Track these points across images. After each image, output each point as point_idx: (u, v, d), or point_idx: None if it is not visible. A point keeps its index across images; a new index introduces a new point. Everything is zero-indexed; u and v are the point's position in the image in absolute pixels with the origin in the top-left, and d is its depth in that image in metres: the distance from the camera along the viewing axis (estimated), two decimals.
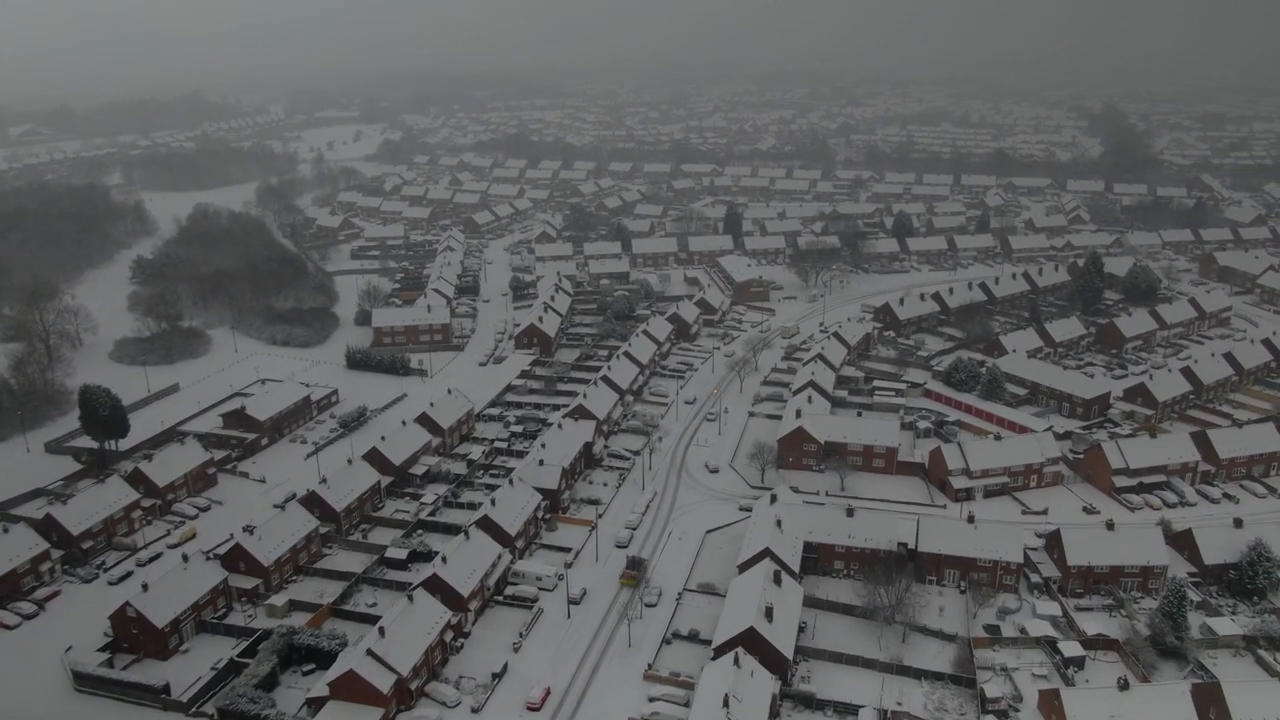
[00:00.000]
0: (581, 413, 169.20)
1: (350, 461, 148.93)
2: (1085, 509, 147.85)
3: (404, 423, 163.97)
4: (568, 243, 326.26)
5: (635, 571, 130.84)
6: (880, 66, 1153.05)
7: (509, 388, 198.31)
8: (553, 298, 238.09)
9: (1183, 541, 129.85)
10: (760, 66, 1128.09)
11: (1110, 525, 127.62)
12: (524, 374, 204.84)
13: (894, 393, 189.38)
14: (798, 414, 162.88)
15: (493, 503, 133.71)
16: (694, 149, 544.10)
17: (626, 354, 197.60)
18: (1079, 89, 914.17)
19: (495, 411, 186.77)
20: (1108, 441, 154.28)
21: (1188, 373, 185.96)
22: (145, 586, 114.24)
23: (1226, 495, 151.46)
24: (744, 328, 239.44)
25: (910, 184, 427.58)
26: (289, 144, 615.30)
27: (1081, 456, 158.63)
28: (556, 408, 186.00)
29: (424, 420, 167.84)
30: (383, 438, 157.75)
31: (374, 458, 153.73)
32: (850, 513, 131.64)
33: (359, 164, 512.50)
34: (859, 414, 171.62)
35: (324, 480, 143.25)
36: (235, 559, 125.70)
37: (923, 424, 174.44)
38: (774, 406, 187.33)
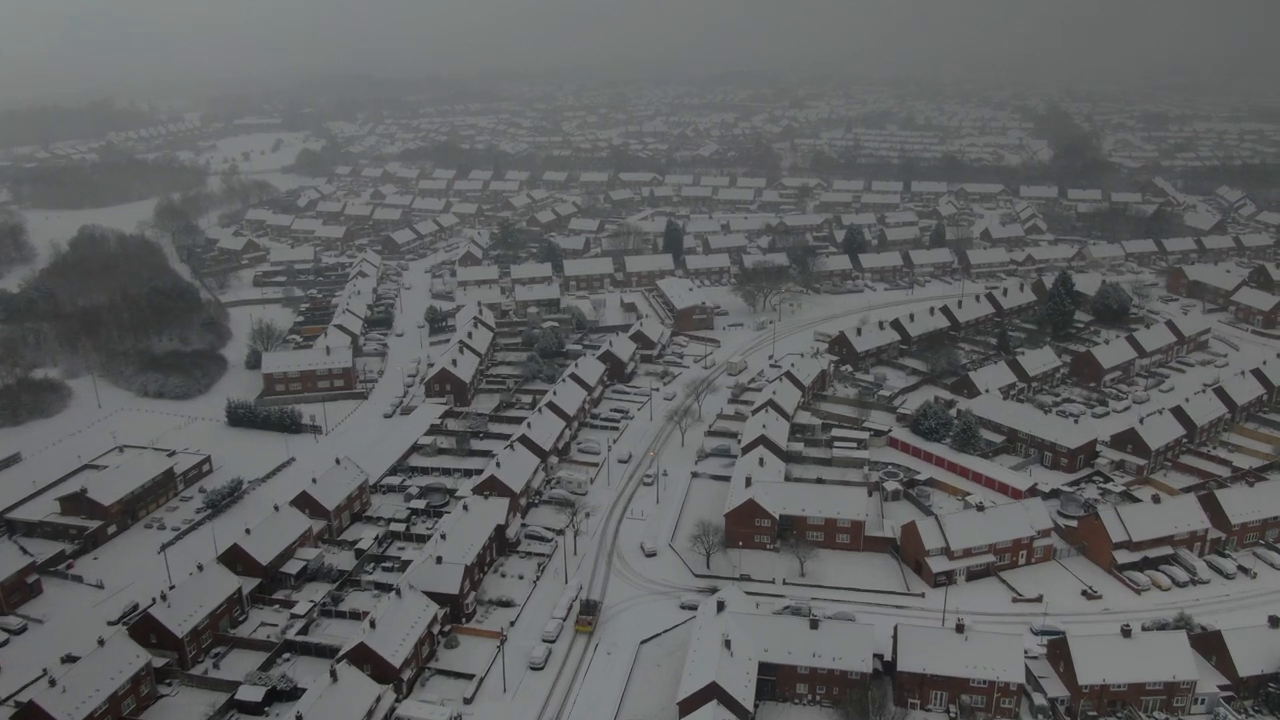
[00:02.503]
0: (493, 486, 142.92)
1: (201, 567, 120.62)
2: (1085, 593, 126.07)
3: (276, 507, 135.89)
4: (494, 264, 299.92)
5: (590, 617, 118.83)
6: (823, 66, 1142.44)
7: (415, 447, 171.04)
8: (470, 334, 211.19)
9: (1210, 645, 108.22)
10: (700, 69, 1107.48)
11: (1126, 631, 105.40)
12: (433, 429, 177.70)
13: (856, 444, 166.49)
14: (747, 482, 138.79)
15: (372, 625, 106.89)
16: (633, 156, 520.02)
17: (551, 405, 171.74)
18: (1020, 89, 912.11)
19: (397, 480, 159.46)
20: (1106, 510, 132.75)
21: (1179, 413, 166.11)
22: None
23: (1241, 568, 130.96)
24: (686, 363, 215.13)
25: (859, 191, 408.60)
26: (202, 154, 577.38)
27: (1074, 525, 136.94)
28: (469, 473, 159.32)
29: (304, 501, 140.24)
30: (247, 530, 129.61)
31: (235, 557, 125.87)
32: (814, 624, 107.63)
33: (275, 176, 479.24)
34: (819, 480, 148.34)
35: (165, 595, 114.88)
36: None
37: (890, 484, 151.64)
38: (720, 464, 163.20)
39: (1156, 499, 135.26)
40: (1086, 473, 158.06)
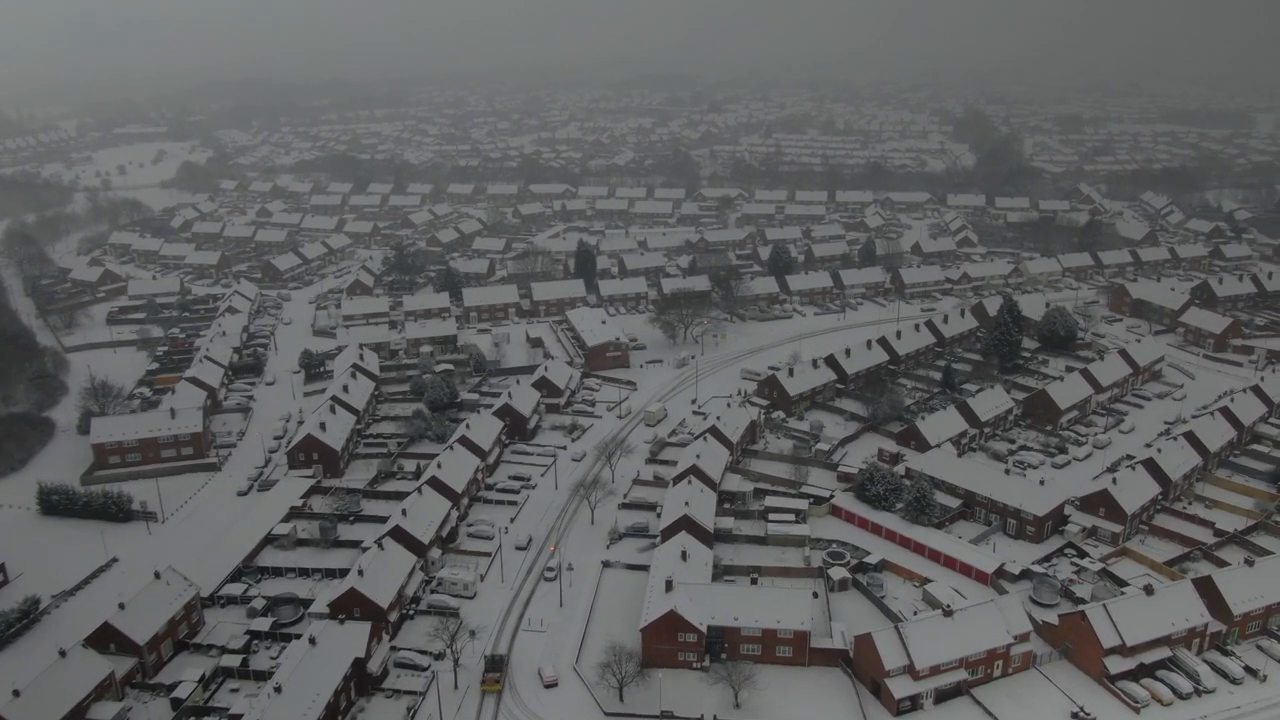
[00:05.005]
0: (354, 602, 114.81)
1: None
2: (1076, 715, 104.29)
3: (63, 652, 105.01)
4: (386, 293, 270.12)
5: (497, 674, 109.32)
6: (738, 68, 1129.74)
7: (268, 539, 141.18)
8: (345, 387, 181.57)
9: None
10: (616, 72, 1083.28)
11: None
12: (293, 513, 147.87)
13: (794, 515, 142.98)
14: (668, 586, 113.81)
15: None
16: (545, 166, 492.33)
17: (435, 481, 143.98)
18: (936, 90, 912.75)
19: (241, 588, 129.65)
20: (1095, 609, 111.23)
21: (1152, 467, 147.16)
22: None
23: (1249, 669, 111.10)
24: (598, 411, 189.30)
25: (782, 202, 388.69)
26: (74, 167, 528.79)
27: (1055, 622, 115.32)
28: (332, 574, 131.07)
29: (106, 636, 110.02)
30: (16, 692, 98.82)
31: None
32: None
33: (151, 192, 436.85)
34: (753, 575, 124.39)
35: None
36: None
37: (837, 572, 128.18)
38: (637, 546, 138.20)
39: (1149, 590, 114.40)
40: (1057, 544, 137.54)
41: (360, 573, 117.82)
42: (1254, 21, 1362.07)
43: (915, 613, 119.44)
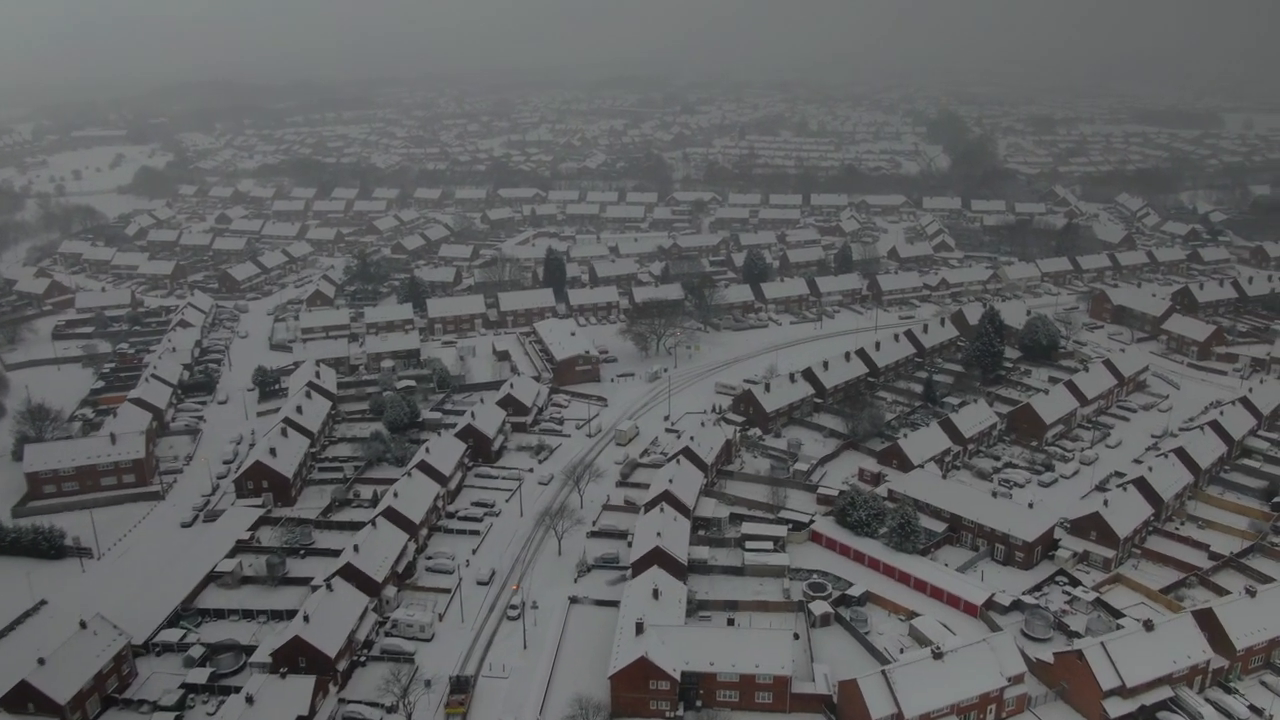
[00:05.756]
0: (298, 652, 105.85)
1: None
2: None
3: None
4: (347, 304, 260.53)
5: (462, 696, 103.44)
6: (711, 70, 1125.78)
7: (211, 577, 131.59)
8: (299, 408, 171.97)
9: None
10: (588, 73, 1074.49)
11: None
12: (239, 547, 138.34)
13: (772, 544, 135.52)
14: (638, 629, 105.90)
15: None
16: (515, 169, 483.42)
17: (390, 511, 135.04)
18: (908, 91, 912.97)
19: (179, 634, 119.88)
20: (1093, 648, 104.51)
21: (1143, 486, 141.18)
22: None
23: (1254, 709, 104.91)
24: (566, 430, 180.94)
25: (756, 206, 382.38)
26: (28, 172, 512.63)
27: (1050, 660, 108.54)
28: (280, 616, 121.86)
29: (23, 695, 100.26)
30: None
31: None
32: None
33: (107, 199, 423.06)
34: (730, 615, 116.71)
35: None
36: None
37: (818, 606, 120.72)
38: (606, 580, 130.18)
39: (1149, 625, 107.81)
40: (1048, 570, 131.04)
41: (306, 619, 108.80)
42: (1224, 25, 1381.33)
43: (902, 650, 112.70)
